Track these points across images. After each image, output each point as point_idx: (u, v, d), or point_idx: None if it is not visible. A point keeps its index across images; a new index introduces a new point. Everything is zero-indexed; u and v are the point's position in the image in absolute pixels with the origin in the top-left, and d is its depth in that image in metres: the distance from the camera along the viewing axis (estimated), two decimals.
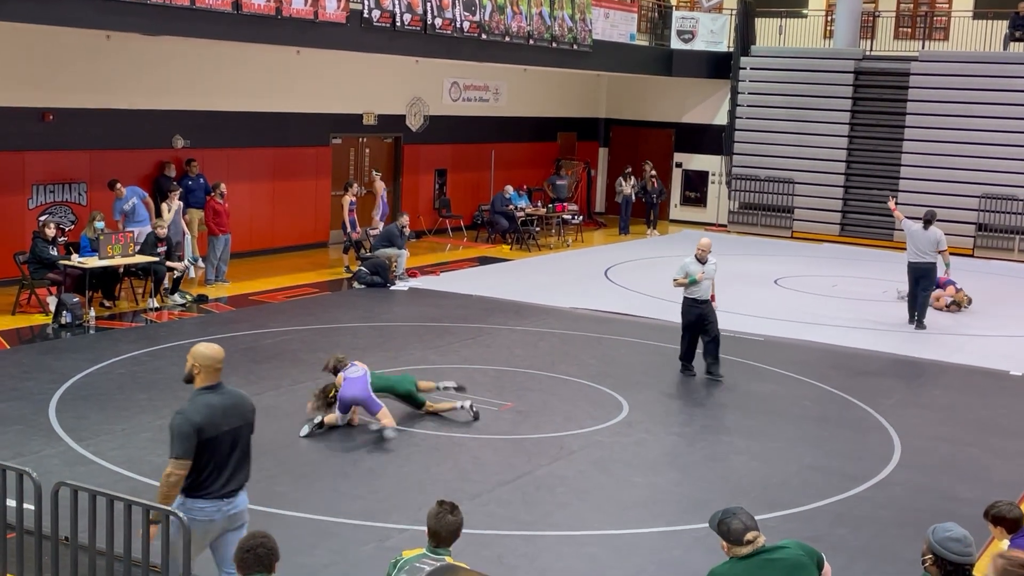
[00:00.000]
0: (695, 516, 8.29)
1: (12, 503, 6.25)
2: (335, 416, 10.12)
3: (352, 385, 10.02)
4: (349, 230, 18.65)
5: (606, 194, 28.74)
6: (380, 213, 20.06)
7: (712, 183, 27.53)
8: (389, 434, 9.91)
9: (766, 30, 27.59)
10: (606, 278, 19.15)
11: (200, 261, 17.64)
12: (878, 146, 25.08)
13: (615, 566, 7.54)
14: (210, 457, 5.72)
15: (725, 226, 26.53)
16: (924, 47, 25.92)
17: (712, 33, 26.82)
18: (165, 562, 5.60)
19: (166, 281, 15.51)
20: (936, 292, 16.66)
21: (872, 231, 24.68)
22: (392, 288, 17.32)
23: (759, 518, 5.03)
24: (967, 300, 17.30)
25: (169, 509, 5.55)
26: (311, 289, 17.08)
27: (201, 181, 17.93)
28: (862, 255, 23.01)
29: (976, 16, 26.01)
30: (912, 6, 27.29)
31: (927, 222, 15.54)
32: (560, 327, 15.07)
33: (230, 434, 5.81)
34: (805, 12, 28.12)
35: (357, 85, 21.33)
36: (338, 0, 16.93)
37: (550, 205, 24.28)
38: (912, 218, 16.36)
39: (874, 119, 25.19)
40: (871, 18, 26.97)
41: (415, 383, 10.70)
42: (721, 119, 27.17)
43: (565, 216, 24.06)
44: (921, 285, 15.66)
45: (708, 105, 27.56)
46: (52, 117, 16.24)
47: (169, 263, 15.36)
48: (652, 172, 25.48)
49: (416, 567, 4.82)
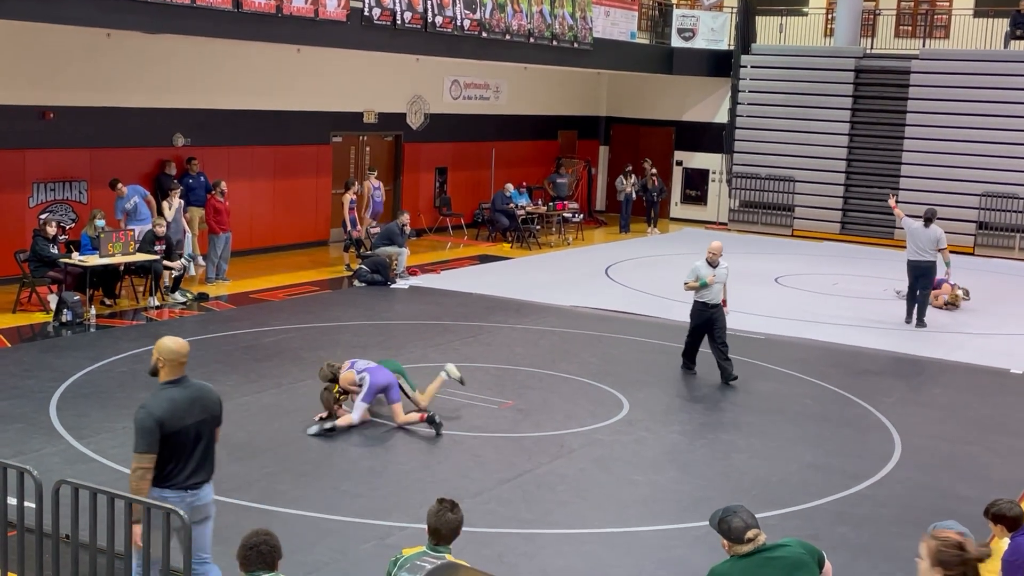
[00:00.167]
0: (695, 514, 8.30)
1: (13, 501, 6.26)
2: (349, 418, 10.14)
3: (379, 372, 10.23)
4: (350, 228, 18.66)
5: (607, 192, 28.74)
6: (371, 211, 19.94)
7: (713, 181, 27.53)
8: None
9: (767, 28, 27.58)
10: (607, 276, 19.16)
11: (200, 259, 17.65)
12: (879, 144, 25.08)
13: (615, 564, 7.54)
14: (173, 450, 5.81)
15: (725, 224, 26.53)
16: (925, 45, 25.90)
17: (712, 31, 26.82)
18: (166, 559, 5.61)
19: (166, 279, 15.51)
20: (933, 292, 16.66)
21: (873, 229, 24.70)
22: (393, 286, 17.33)
23: (759, 516, 5.03)
24: (963, 293, 17.26)
25: (169, 507, 5.55)
26: (312, 287, 17.09)
27: (202, 179, 17.93)
28: (862, 253, 23.02)
29: (977, 14, 26.01)
30: (913, 4, 27.28)
31: (927, 220, 15.52)
32: (560, 325, 15.07)
33: (194, 427, 5.89)
34: (806, 10, 28.11)
35: (358, 83, 21.32)
36: None
37: (551, 203, 24.28)
38: (912, 216, 16.36)
39: (875, 117, 25.19)
40: (872, 16, 26.97)
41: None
42: (722, 117, 27.17)
43: (566, 214, 24.05)
44: (921, 283, 15.66)
45: (709, 103, 27.56)
46: (53, 115, 16.24)
47: (166, 262, 15.36)
48: (653, 171, 25.48)
49: (417, 565, 4.83)
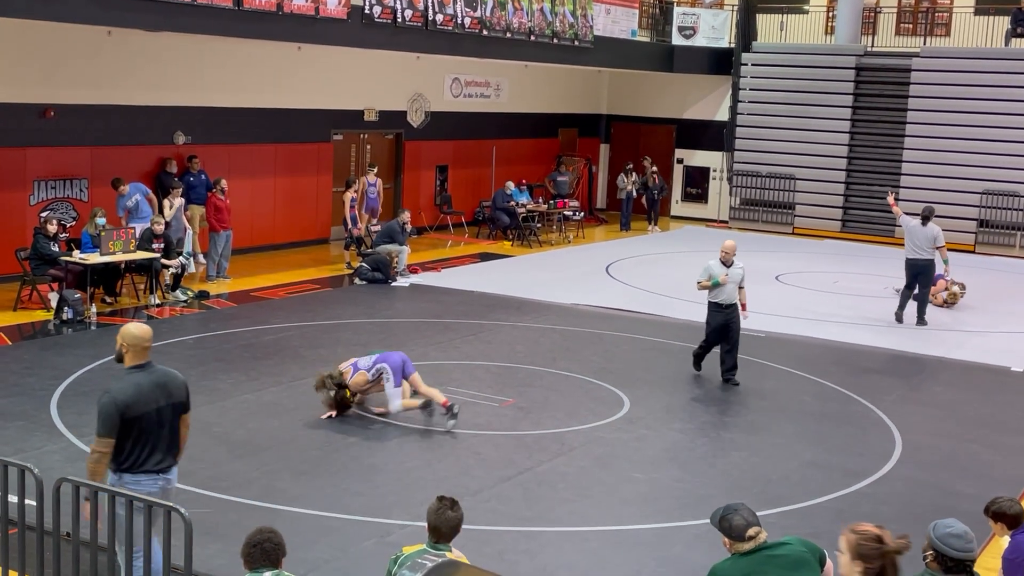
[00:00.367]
0: (696, 512, 8.31)
1: (14, 499, 6.26)
2: (387, 409, 10.34)
3: (388, 356, 10.40)
4: (350, 226, 18.66)
5: (607, 190, 28.73)
6: (366, 207, 19.89)
7: (713, 179, 27.53)
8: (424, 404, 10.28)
9: (767, 26, 27.57)
10: (607, 274, 19.16)
11: (200, 257, 17.66)
12: (879, 142, 25.07)
13: (616, 562, 7.55)
14: (140, 434, 5.97)
15: (726, 222, 26.53)
16: (925, 43, 25.89)
17: (713, 29, 26.81)
18: (167, 557, 5.61)
19: (167, 278, 15.51)
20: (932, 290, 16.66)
21: (873, 227, 24.69)
22: (393, 284, 17.33)
23: (760, 514, 5.03)
24: (960, 289, 17.22)
25: (170, 505, 5.56)
26: (312, 285, 17.09)
27: (203, 177, 17.94)
28: (863, 251, 23.02)
29: (978, 12, 26.00)
30: (913, 2, 27.26)
31: (925, 218, 15.48)
32: (561, 323, 15.07)
33: (160, 411, 6.04)
34: (806, 8, 28.10)
35: (358, 81, 21.32)
36: None
37: (551, 201, 24.27)
38: (911, 214, 16.34)
39: (875, 115, 25.19)
40: (872, 14, 26.95)
41: None
42: (722, 115, 27.16)
43: (566, 212, 24.05)
44: (920, 282, 15.64)
45: (709, 101, 27.55)
46: (53, 113, 16.25)
47: (164, 260, 15.35)
48: (653, 168, 25.48)
49: (418, 563, 4.83)
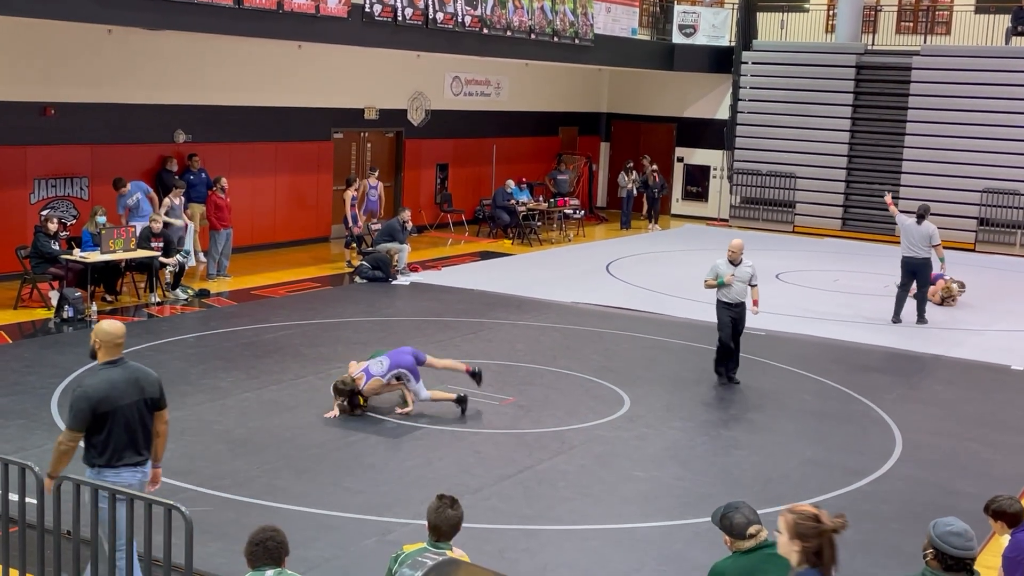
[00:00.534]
0: (696, 510, 8.31)
1: (14, 497, 6.27)
2: (412, 400, 10.46)
3: (398, 356, 10.46)
4: (351, 225, 18.66)
5: (608, 189, 28.73)
6: (365, 208, 19.86)
7: (714, 177, 27.52)
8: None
9: (768, 24, 27.57)
10: (608, 273, 19.16)
11: (201, 255, 17.65)
12: (880, 141, 25.07)
13: (616, 560, 7.55)
14: (114, 429, 6.11)
15: (726, 221, 26.53)
16: (926, 41, 25.88)
17: (714, 27, 26.80)
18: (168, 556, 5.61)
19: (167, 276, 15.51)
20: (931, 289, 16.66)
21: (874, 226, 24.68)
22: (393, 283, 17.33)
23: (760, 513, 5.03)
24: (958, 287, 17.22)
25: (171, 503, 5.56)
26: (312, 284, 17.09)
27: (203, 176, 17.94)
28: (864, 250, 23.02)
29: (978, 10, 25.99)
30: (914, 0, 27.25)
31: (920, 216, 15.44)
32: (561, 322, 15.07)
33: (130, 408, 6.16)
34: (807, 6, 28.10)
35: (358, 80, 21.32)
36: None
37: (551, 200, 24.27)
38: (907, 212, 16.31)
39: (876, 114, 25.19)
40: (873, 12, 26.94)
41: None
42: (723, 113, 27.16)
43: (566, 211, 24.06)
44: (918, 281, 15.61)
45: (710, 99, 27.55)
46: (54, 112, 16.24)
47: (161, 259, 15.35)
48: (653, 167, 25.48)
49: (418, 561, 4.82)
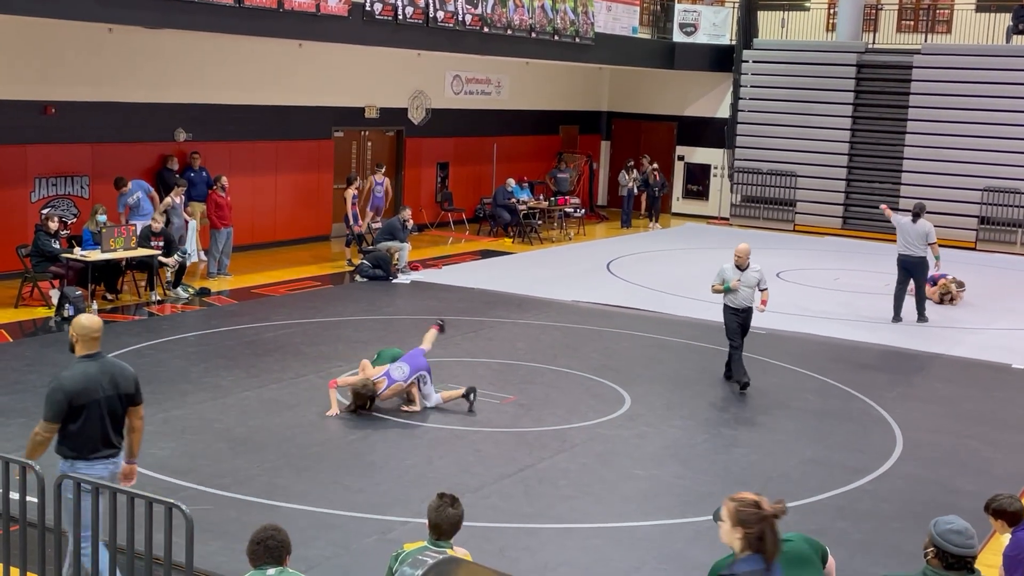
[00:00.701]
0: (697, 509, 8.31)
1: (15, 496, 6.27)
2: (428, 402, 10.59)
3: (413, 359, 10.53)
4: (351, 223, 18.65)
5: (608, 187, 28.72)
6: (371, 205, 20.06)
7: (714, 176, 27.51)
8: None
9: (768, 23, 27.56)
10: (608, 271, 19.16)
11: (201, 253, 17.65)
12: (880, 139, 25.06)
13: (617, 559, 7.55)
14: (87, 421, 6.21)
15: (727, 219, 26.53)
16: (927, 40, 25.88)
17: (714, 26, 26.79)
18: (168, 554, 5.61)
19: (168, 275, 15.52)
20: (931, 288, 16.67)
21: (874, 224, 24.63)
22: (394, 281, 17.33)
23: None
24: (956, 286, 17.21)
25: (172, 502, 5.57)
26: (313, 282, 17.10)
27: (203, 174, 17.94)
28: (864, 248, 23.01)
29: (979, 9, 25.98)
30: None
31: (916, 215, 15.42)
32: (562, 320, 15.07)
33: (105, 401, 6.26)
34: (808, 5, 28.09)
35: (359, 78, 21.32)
36: None
37: (552, 198, 24.27)
38: (903, 210, 16.29)
39: (877, 112, 25.17)
40: (874, 11, 26.94)
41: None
42: (723, 112, 27.15)
43: (567, 209, 24.05)
44: (915, 280, 15.58)
45: (710, 98, 27.54)
46: (54, 110, 16.24)
47: (161, 258, 15.35)
48: (653, 165, 25.48)
49: (419, 560, 4.82)
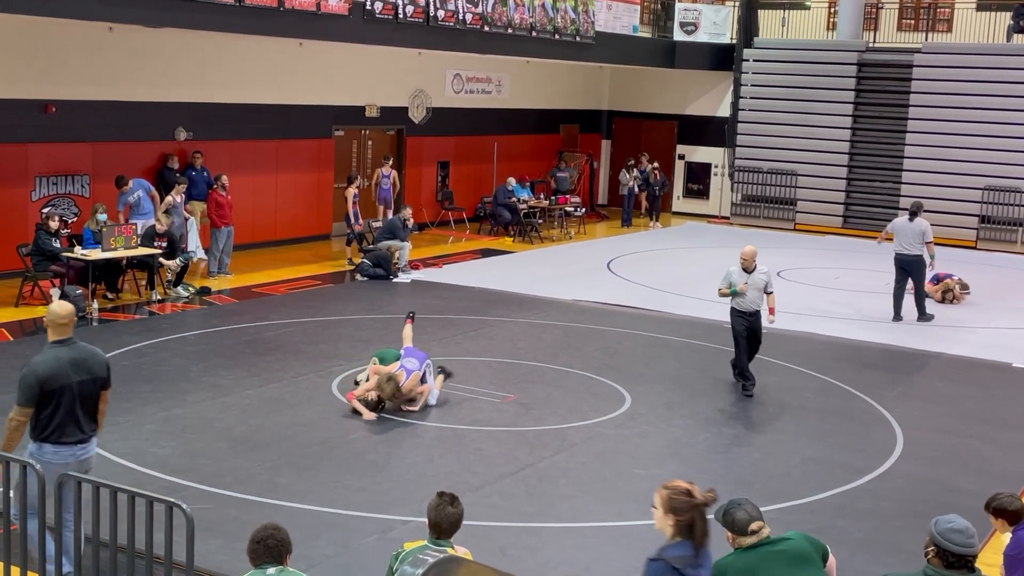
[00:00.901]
0: None
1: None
2: (431, 399, 10.72)
3: (415, 351, 10.78)
4: (352, 222, 18.65)
5: (609, 186, 28.71)
6: (379, 199, 20.14)
7: (715, 175, 27.51)
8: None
9: (769, 22, 27.56)
10: (609, 270, 19.16)
11: (202, 252, 17.65)
12: (881, 138, 25.06)
13: (617, 558, 7.55)
14: (58, 405, 6.30)
15: (727, 218, 26.53)
16: (928, 39, 25.87)
17: (715, 25, 26.78)
18: (169, 553, 5.62)
19: (169, 274, 15.52)
20: (934, 286, 16.66)
21: (875, 223, 24.59)
22: (394, 280, 17.33)
23: (762, 510, 5.02)
24: (960, 286, 17.21)
25: (172, 501, 5.57)
26: (313, 281, 17.10)
27: (204, 173, 17.95)
28: (865, 247, 22.96)
29: (980, 8, 25.98)
30: None
31: (912, 214, 15.36)
32: (563, 319, 15.07)
33: (77, 386, 6.35)
34: (808, 4, 28.09)
35: (359, 77, 21.31)
36: None
37: (552, 197, 24.27)
38: (901, 209, 16.26)
39: (877, 111, 25.17)
40: (874, 10, 26.93)
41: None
42: (724, 111, 27.14)
43: (568, 208, 24.05)
44: (914, 279, 15.53)
45: (711, 97, 27.54)
46: (55, 109, 16.25)
47: (162, 259, 15.35)
48: (654, 165, 25.47)
49: (419, 559, 4.82)
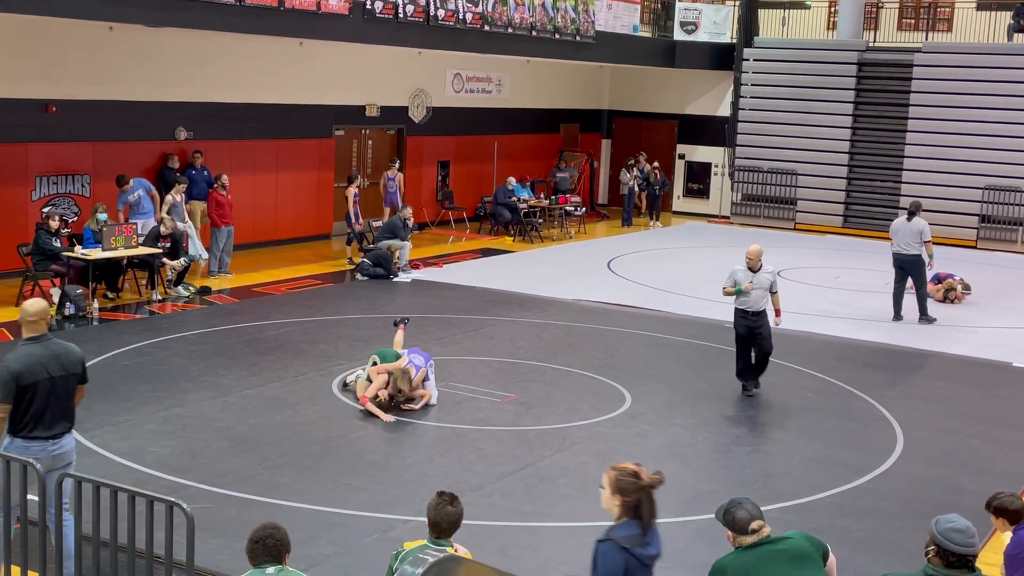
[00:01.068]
0: (698, 507, 8.31)
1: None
2: (433, 398, 10.78)
3: (415, 350, 10.99)
4: (352, 222, 18.65)
5: (609, 186, 28.71)
6: (386, 201, 20.22)
7: (715, 175, 27.51)
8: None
9: (769, 21, 27.56)
10: (609, 270, 19.16)
11: (205, 254, 17.64)
12: (881, 138, 25.06)
13: None
14: (31, 401, 6.35)
15: (728, 218, 26.53)
16: (928, 38, 25.88)
17: (715, 24, 26.78)
18: (169, 552, 5.62)
19: (169, 274, 15.52)
20: (934, 286, 16.67)
21: (875, 223, 24.64)
22: (395, 280, 17.33)
23: (763, 509, 5.02)
24: (962, 287, 17.22)
25: (173, 500, 5.57)
26: (314, 281, 17.10)
27: (204, 173, 17.94)
28: (865, 247, 22.99)
29: (980, 7, 25.98)
30: None
31: (911, 213, 15.33)
32: (563, 319, 15.07)
33: (50, 382, 6.39)
34: (808, 3, 28.10)
35: (360, 77, 21.31)
36: None
37: (552, 197, 24.27)
38: (901, 208, 16.26)
39: (877, 111, 25.17)
40: (874, 9, 26.93)
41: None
42: (724, 111, 27.14)
43: (568, 208, 24.05)
44: (915, 281, 15.52)
45: (711, 96, 27.53)
46: (55, 109, 16.25)
47: (166, 260, 15.35)
48: (654, 164, 25.46)
49: (419, 558, 4.82)
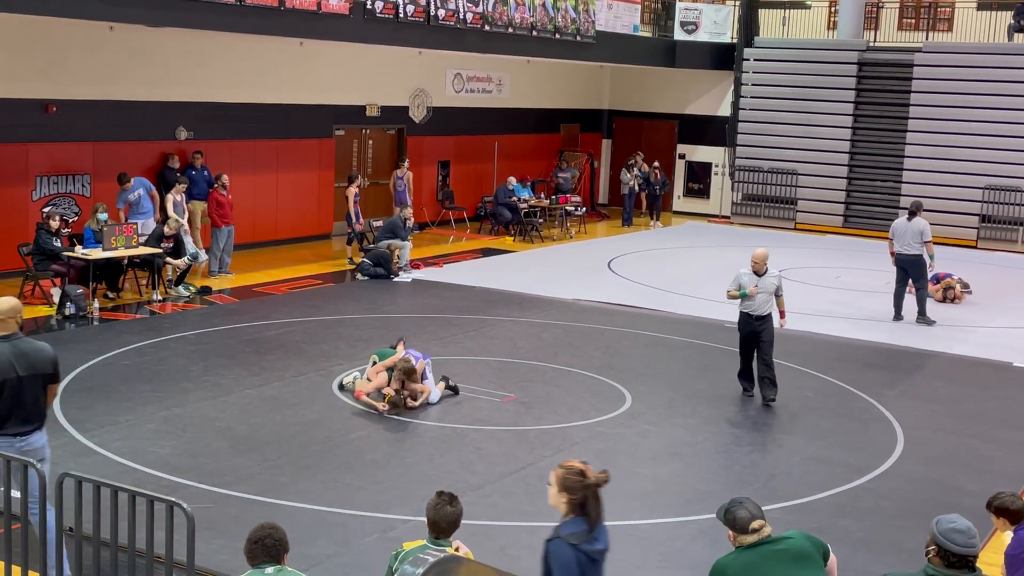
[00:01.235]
0: (698, 507, 8.31)
1: (17, 494, 6.27)
2: (432, 397, 10.83)
3: (412, 351, 11.05)
4: (353, 222, 18.65)
5: (609, 186, 28.71)
6: (395, 201, 20.38)
7: (715, 174, 27.51)
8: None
9: (770, 21, 27.55)
10: (609, 270, 19.16)
11: (204, 254, 17.64)
12: (882, 137, 25.06)
13: (618, 557, 7.52)
14: (2, 400, 6.37)
15: (728, 218, 26.52)
16: (928, 38, 25.87)
17: (715, 24, 26.78)
18: (170, 552, 5.62)
19: (169, 273, 15.53)
20: (934, 287, 16.67)
21: (876, 223, 24.63)
22: (395, 280, 17.33)
23: (763, 509, 5.02)
24: (961, 286, 17.22)
25: (173, 500, 5.57)
26: (314, 281, 17.10)
27: (204, 173, 17.94)
28: (865, 247, 22.98)
29: (980, 7, 25.98)
30: None
31: (912, 213, 15.31)
32: (563, 319, 15.07)
33: (18, 380, 6.41)
34: (809, 3, 28.10)
35: (360, 76, 21.31)
36: None
37: (553, 196, 24.27)
38: (901, 208, 16.24)
39: (878, 110, 25.17)
40: (875, 9, 26.93)
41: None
42: (724, 110, 27.14)
43: (568, 208, 24.05)
44: (915, 280, 15.50)
45: (711, 96, 27.53)
46: (56, 109, 16.25)
47: (169, 259, 15.35)
48: (655, 164, 25.46)
49: (419, 558, 4.82)
